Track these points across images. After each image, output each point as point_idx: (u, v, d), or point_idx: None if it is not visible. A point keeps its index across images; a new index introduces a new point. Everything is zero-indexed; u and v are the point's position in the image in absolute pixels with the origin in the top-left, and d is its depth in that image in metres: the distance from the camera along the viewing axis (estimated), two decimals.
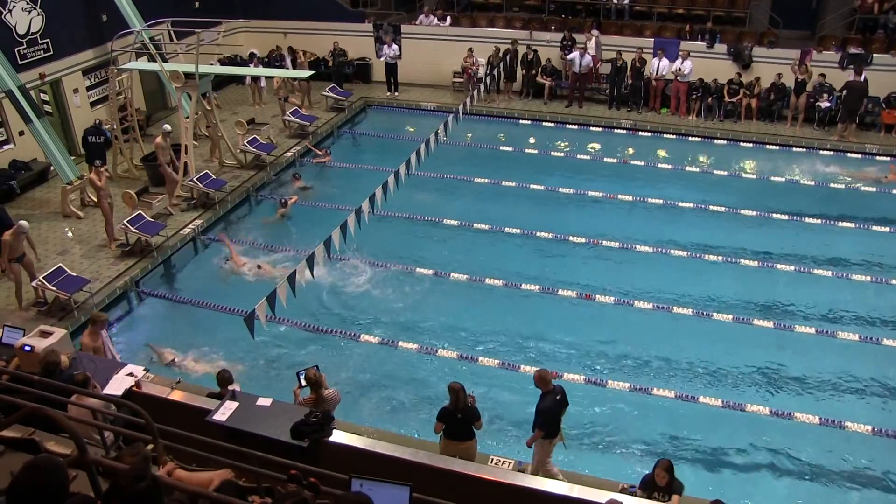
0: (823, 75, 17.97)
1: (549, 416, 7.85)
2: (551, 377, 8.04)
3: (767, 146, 17.90)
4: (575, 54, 19.38)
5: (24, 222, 11.39)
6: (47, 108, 16.56)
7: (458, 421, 7.73)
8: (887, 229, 14.11)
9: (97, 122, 15.55)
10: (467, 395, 7.79)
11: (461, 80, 20.98)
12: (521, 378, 10.28)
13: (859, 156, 17.29)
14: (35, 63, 15.80)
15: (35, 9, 15.63)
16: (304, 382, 8.01)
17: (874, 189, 15.78)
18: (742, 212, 14.79)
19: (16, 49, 15.26)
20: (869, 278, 12.56)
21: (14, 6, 15.12)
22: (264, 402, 7.40)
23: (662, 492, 6.94)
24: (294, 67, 20.34)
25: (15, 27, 15.23)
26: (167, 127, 14.57)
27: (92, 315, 9.08)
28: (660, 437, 9.28)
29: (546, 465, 8.08)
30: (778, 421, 9.48)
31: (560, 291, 12.20)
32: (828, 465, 8.91)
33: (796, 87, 18.09)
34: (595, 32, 19.70)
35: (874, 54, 18.00)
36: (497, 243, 13.94)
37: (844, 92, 17.46)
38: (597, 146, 18.17)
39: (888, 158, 17.05)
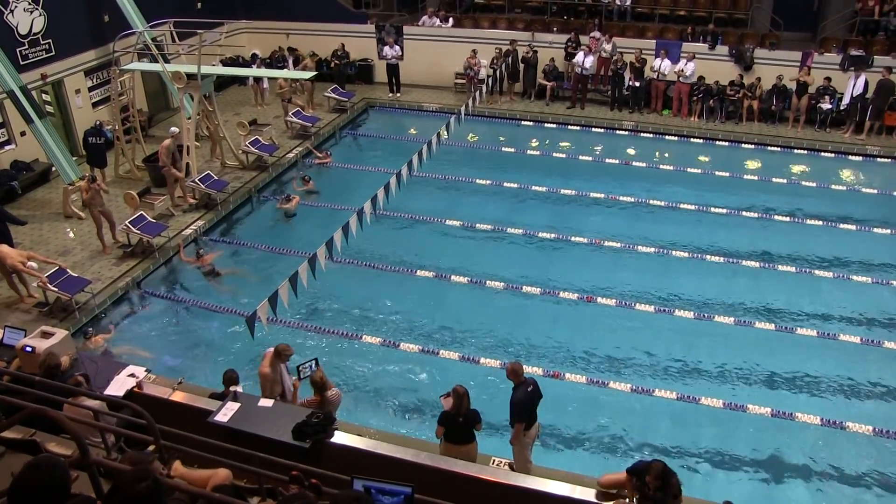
0: (829, 79, 17.98)
1: (525, 408, 7.87)
2: (523, 370, 8.02)
3: (769, 147, 17.90)
4: (580, 55, 19.40)
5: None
6: (49, 108, 16.57)
7: (460, 425, 7.71)
8: (888, 231, 14.11)
9: (97, 122, 15.55)
10: (469, 399, 7.76)
11: (463, 81, 20.99)
12: None
13: (860, 158, 17.31)
14: (37, 63, 15.81)
15: (37, 9, 15.64)
16: (302, 375, 8.09)
17: (875, 191, 15.76)
18: (743, 213, 14.78)
19: (18, 49, 15.26)
20: (870, 279, 12.56)
21: (16, 6, 15.13)
22: (266, 402, 7.40)
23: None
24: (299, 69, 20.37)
25: (17, 27, 15.24)
26: (175, 129, 14.59)
27: (278, 347, 8.38)
28: (662, 438, 9.27)
29: (524, 456, 8.09)
30: (780, 421, 9.47)
31: (561, 293, 12.18)
32: (829, 465, 8.90)
33: (798, 89, 18.10)
34: (597, 34, 19.70)
35: (875, 56, 18.02)
36: (499, 244, 13.93)
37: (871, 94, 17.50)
38: (598, 147, 18.17)
39: (888, 160, 17.08)
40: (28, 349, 8.15)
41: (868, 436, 9.26)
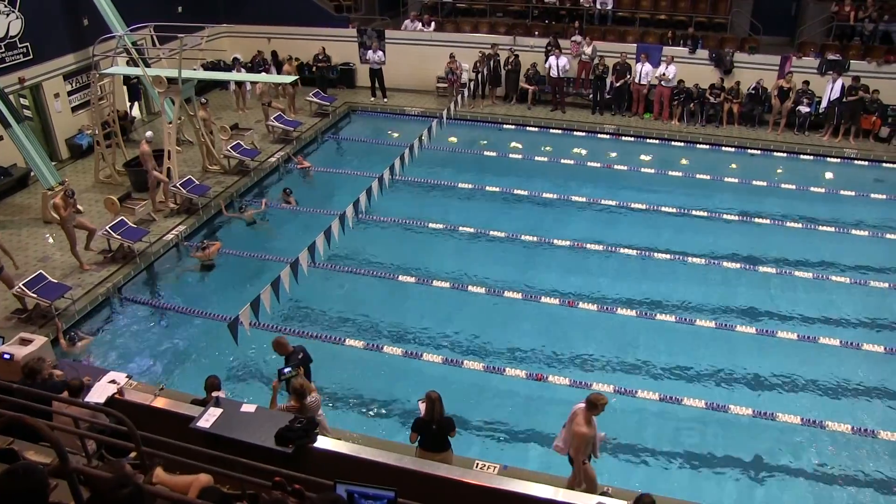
0: (807, 82, 18.22)
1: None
2: (287, 340, 8.52)
3: (749, 150, 18.11)
4: (551, 58, 19.52)
5: None
6: (27, 112, 16.40)
7: (433, 431, 7.67)
8: (866, 233, 14.31)
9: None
10: (443, 405, 7.72)
11: (445, 85, 21.02)
12: (507, 381, 10.33)
13: (838, 160, 17.56)
14: (14, 67, 15.65)
15: (13, 12, 15.48)
16: (283, 379, 8.11)
17: (853, 193, 15.97)
18: (724, 216, 14.92)
19: None
20: (849, 280, 12.72)
21: None
22: (248, 408, 7.35)
23: None
24: (279, 73, 20.30)
25: None
26: (150, 133, 14.48)
27: (590, 398, 7.50)
28: (645, 439, 9.33)
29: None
30: (760, 421, 9.57)
31: (543, 298, 12.22)
32: (810, 463, 9.01)
33: (779, 93, 18.33)
34: (578, 38, 19.83)
35: (851, 61, 18.31)
36: (480, 248, 13.96)
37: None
38: (580, 151, 18.27)
39: (865, 163, 17.35)
40: (6, 356, 8.07)
41: (847, 434, 9.39)
